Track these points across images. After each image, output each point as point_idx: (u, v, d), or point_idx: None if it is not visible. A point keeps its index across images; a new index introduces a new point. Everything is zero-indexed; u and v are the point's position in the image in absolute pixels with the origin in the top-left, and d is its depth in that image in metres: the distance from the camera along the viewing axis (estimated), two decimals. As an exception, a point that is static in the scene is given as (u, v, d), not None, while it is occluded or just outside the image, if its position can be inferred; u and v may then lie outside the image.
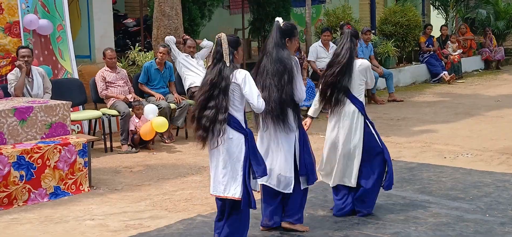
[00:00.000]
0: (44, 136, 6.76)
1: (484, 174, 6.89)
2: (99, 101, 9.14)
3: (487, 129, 9.58)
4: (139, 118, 8.77)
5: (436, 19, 19.24)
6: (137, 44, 11.41)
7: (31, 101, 7.04)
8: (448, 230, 5.19)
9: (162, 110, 9.04)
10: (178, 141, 9.37)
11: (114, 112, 8.86)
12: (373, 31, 15.01)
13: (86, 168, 6.79)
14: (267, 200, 5.21)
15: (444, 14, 18.94)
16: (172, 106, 9.35)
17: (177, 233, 5.34)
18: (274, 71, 4.99)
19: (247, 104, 4.66)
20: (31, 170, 6.34)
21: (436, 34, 16.90)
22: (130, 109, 8.84)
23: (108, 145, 8.75)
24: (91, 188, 6.80)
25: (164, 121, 8.60)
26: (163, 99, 9.30)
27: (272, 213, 5.19)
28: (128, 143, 8.74)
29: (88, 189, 6.74)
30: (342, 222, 5.48)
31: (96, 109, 9.08)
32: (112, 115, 8.91)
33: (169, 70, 9.67)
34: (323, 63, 12.08)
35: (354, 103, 5.49)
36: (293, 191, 5.11)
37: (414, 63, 16.19)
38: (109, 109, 8.95)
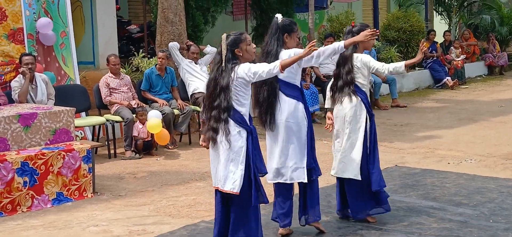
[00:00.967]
0: (48, 142, 6.78)
1: (487, 180, 6.88)
2: (103, 107, 9.16)
3: (490, 135, 9.57)
4: (143, 124, 8.78)
5: (439, 24, 19.23)
6: (140, 50, 11.46)
7: (35, 108, 7.06)
8: (452, 236, 5.18)
9: (166, 116, 9.06)
10: (181, 147, 9.38)
11: (118, 118, 8.88)
12: (376, 37, 15.04)
13: (90, 174, 6.80)
14: (279, 200, 5.23)
15: (447, 20, 18.94)
16: (176, 112, 9.36)
17: (180, 239, 5.35)
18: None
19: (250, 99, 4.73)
20: (35, 176, 6.36)
21: (439, 39, 16.91)
22: (134, 115, 8.86)
23: (112, 151, 8.76)
24: (94, 194, 6.81)
25: (157, 122, 8.60)
26: (166, 104, 9.32)
27: (285, 215, 5.20)
28: (132, 149, 8.76)
29: (91, 195, 6.75)
30: (345, 228, 5.48)
31: (100, 115, 9.10)
32: (116, 121, 8.93)
33: (170, 75, 9.69)
34: (326, 69, 12.10)
35: (359, 94, 5.50)
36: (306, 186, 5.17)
37: (417, 68, 16.17)
38: (112, 115, 8.96)
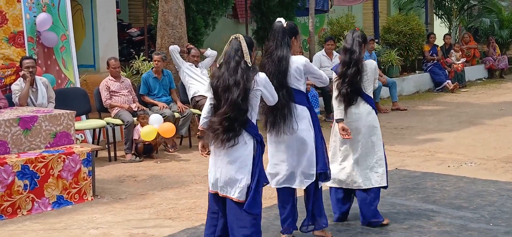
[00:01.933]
0: (48, 146, 6.78)
1: (488, 183, 6.88)
2: (103, 110, 9.17)
3: (491, 138, 9.58)
4: (144, 127, 8.78)
5: (440, 28, 19.25)
6: (141, 53, 11.46)
7: (36, 111, 7.06)
8: (452, 239, 5.20)
9: (166, 119, 9.06)
10: (182, 150, 9.39)
11: (118, 121, 8.88)
12: (376, 40, 15.05)
13: (90, 177, 6.80)
14: (282, 205, 5.22)
15: (448, 23, 18.95)
16: (176, 115, 9.37)
17: (180, 242, 5.35)
18: (273, 71, 5.00)
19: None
20: (35, 179, 6.36)
21: (440, 43, 16.93)
22: (135, 118, 8.86)
23: (112, 154, 8.77)
24: (95, 197, 6.81)
25: (151, 129, 8.60)
26: (166, 107, 9.32)
27: (286, 220, 5.20)
28: (132, 152, 8.76)
29: (91, 198, 6.76)
30: (345, 231, 5.48)
31: (100, 118, 9.11)
32: (116, 124, 8.93)
33: (168, 77, 9.70)
34: (327, 72, 11.99)
35: (368, 102, 5.52)
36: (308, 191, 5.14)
37: (417, 72, 16.19)
38: (113, 118, 8.97)
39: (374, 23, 17.24)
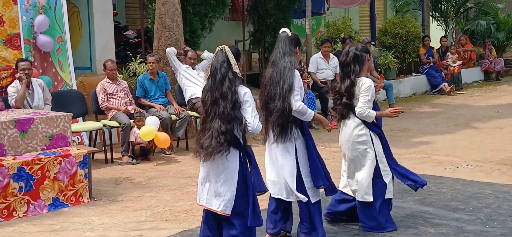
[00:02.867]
0: (45, 148, 6.78)
1: (484, 185, 6.89)
2: (100, 112, 9.16)
3: (487, 140, 9.59)
4: (140, 129, 8.77)
5: (436, 30, 19.30)
6: (138, 55, 11.45)
7: (32, 113, 7.05)
8: (448, 241, 5.20)
9: (163, 121, 9.06)
10: (178, 152, 9.38)
11: (115, 123, 8.88)
12: (373, 43, 15.07)
13: (87, 179, 6.79)
14: (273, 210, 5.23)
15: (444, 26, 18.99)
16: (173, 117, 9.37)
17: (177, 244, 5.35)
18: (278, 81, 4.98)
19: None
20: (31, 181, 6.35)
21: (436, 45, 16.95)
22: (131, 121, 8.86)
23: (109, 156, 8.76)
24: (91, 200, 6.80)
25: (150, 129, 8.59)
26: (163, 109, 9.32)
27: (276, 221, 5.22)
28: (129, 154, 8.76)
29: (88, 201, 6.75)
30: (341, 233, 5.48)
31: (97, 120, 9.10)
32: (113, 127, 8.93)
33: (163, 79, 9.70)
34: (324, 74, 12.13)
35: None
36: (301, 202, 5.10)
37: (414, 74, 16.22)
38: (109, 120, 8.96)
39: (371, 26, 17.27)
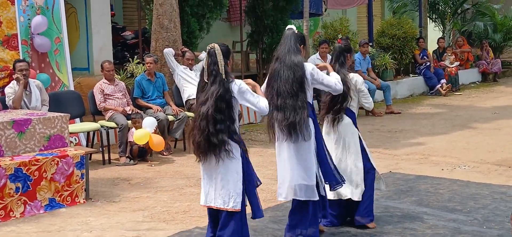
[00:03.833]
0: (42, 148, 6.77)
1: (481, 186, 6.90)
2: (97, 113, 9.16)
3: (484, 141, 9.60)
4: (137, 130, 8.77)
5: (433, 31, 19.31)
6: (135, 56, 11.44)
7: (29, 114, 7.05)
8: (445, 242, 5.21)
9: (160, 122, 9.06)
10: (176, 153, 9.38)
11: (112, 124, 8.87)
12: (370, 44, 15.09)
13: (83, 180, 6.78)
14: (291, 213, 5.13)
15: (441, 27, 19.01)
16: (170, 118, 9.37)
17: (174, 245, 5.34)
18: (288, 77, 4.93)
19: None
20: (28, 182, 6.34)
21: (433, 46, 16.96)
22: (129, 121, 8.85)
23: (106, 157, 8.75)
24: (88, 200, 6.80)
25: (144, 133, 8.58)
26: (161, 111, 9.32)
27: (293, 227, 5.11)
28: (126, 155, 8.75)
29: (84, 201, 6.74)
30: (339, 234, 5.48)
31: (94, 121, 9.09)
32: (110, 127, 8.92)
33: (161, 79, 9.71)
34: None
35: (348, 115, 5.54)
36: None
37: (411, 75, 16.24)
38: (107, 121, 8.96)
39: (368, 27, 17.28)
